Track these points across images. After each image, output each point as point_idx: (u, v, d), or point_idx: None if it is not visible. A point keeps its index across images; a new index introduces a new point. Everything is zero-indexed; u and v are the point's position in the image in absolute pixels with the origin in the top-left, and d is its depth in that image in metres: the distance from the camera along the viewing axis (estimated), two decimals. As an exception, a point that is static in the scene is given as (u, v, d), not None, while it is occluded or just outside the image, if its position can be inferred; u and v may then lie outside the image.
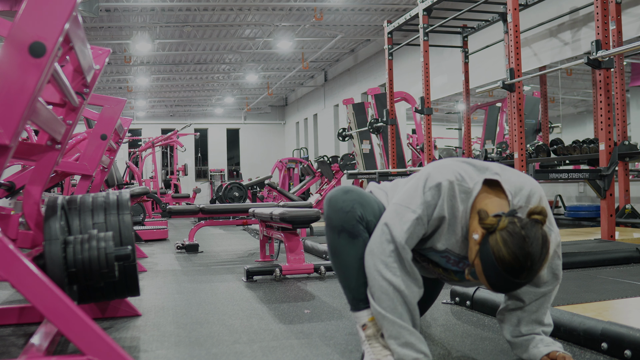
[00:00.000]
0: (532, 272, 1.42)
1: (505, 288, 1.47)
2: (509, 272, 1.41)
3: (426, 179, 1.60)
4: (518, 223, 1.43)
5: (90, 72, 2.29)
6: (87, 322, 1.53)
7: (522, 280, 1.43)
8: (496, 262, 1.41)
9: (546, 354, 1.66)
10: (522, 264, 1.40)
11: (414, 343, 1.59)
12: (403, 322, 1.59)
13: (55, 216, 1.88)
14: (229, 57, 14.63)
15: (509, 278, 1.42)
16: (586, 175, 4.76)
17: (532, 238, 1.40)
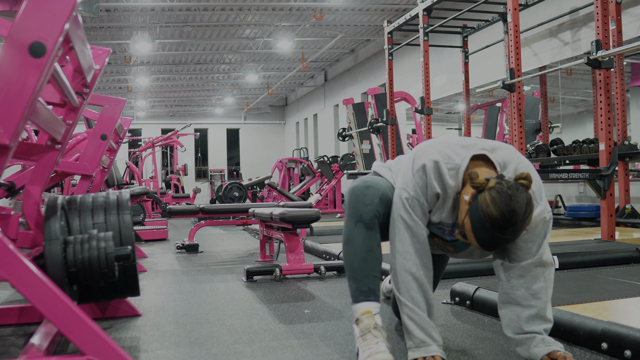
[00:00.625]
0: (516, 229, 1.53)
1: (492, 244, 1.58)
2: (495, 228, 1.53)
3: (413, 161, 1.72)
4: (505, 184, 1.55)
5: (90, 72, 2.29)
6: (87, 322, 1.53)
7: (508, 235, 1.54)
8: (484, 217, 1.53)
9: (547, 353, 1.67)
10: (508, 219, 1.51)
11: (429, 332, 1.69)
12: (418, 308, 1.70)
13: (55, 216, 1.88)
14: (229, 57, 14.64)
15: (495, 233, 1.54)
16: (586, 175, 4.76)
17: (517, 197, 1.52)
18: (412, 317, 1.69)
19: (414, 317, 1.69)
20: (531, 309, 1.70)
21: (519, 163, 1.72)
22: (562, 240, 4.47)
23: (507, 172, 1.69)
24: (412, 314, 1.69)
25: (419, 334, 1.68)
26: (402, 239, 1.72)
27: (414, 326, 1.69)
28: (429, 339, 1.68)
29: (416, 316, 1.69)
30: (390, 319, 2.36)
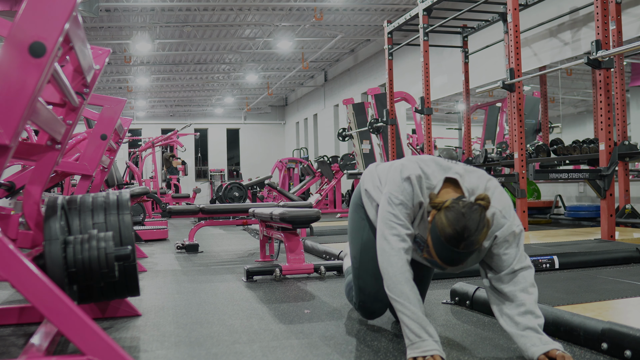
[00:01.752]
0: (469, 243, 1.64)
1: (450, 258, 1.69)
2: (449, 242, 1.65)
3: (401, 171, 1.86)
4: (461, 203, 1.68)
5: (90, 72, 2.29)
6: (87, 322, 1.53)
7: (462, 250, 1.65)
8: (439, 234, 1.66)
9: (544, 352, 1.68)
10: (460, 234, 1.63)
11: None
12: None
13: (55, 216, 1.88)
14: (229, 57, 14.64)
15: (450, 248, 1.65)
16: (586, 175, 4.76)
17: (470, 215, 1.64)
18: (405, 312, 1.74)
19: (407, 312, 1.74)
20: (522, 307, 1.77)
21: (486, 188, 1.85)
22: (562, 240, 4.47)
23: (474, 197, 1.80)
24: (405, 309, 1.74)
25: (415, 328, 1.71)
26: (389, 238, 1.82)
27: (409, 321, 1.73)
28: (424, 334, 1.71)
29: (409, 311, 1.74)
30: (387, 317, 2.36)
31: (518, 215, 5.51)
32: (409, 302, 1.74)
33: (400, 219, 1.82)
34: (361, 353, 1.91)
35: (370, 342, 2.04)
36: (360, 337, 2.11)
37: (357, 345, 2.01)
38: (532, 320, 1.75)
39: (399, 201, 1.83)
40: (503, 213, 1.81)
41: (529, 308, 1.76)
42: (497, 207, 1.80)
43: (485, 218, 1.67)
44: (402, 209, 1.83)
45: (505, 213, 1.81)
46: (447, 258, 1.69)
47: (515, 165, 5.70)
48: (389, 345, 1.99)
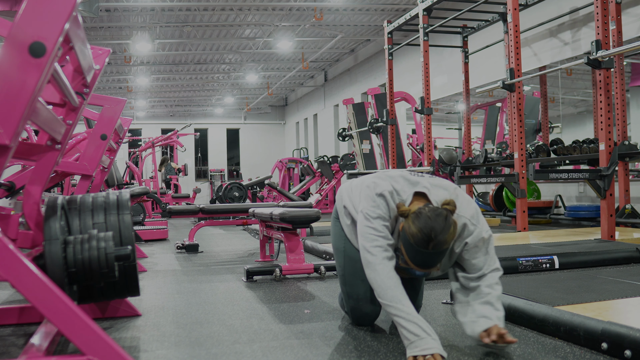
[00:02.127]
0: (437, 243, 1.72)
1: (422, 260, 1.77)
2: (418, 244, 1.74)
3: (374, 188, 1.95)
4: (426, 209, 1.78)
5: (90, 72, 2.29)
6: (87, 322, 1.53)
7: (431, 250, 1.73)
8: (408, 237, 1.76)
9: (485, 329, 1.80)
10: (427, 235, 1.72)
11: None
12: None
13: (55, 216, 1.88)
14: (229, 57, 14.64)
15: (420, 249, 1.74)
16: (586, 175, 4.76)
17: (435, 217, 1.74)
18: (400, 314, 1.77)
19: (402, 314, 1.77)
20: (483, 298, 1.88)
21: (454, 198, 1.95)
22: (562, 240, 4.47)
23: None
24: (399, 312, 1.77)
25: (412, 328, 1.74)
26: (372, 250, 1.89)
27: (405, 322, 1.75)
28: (422, 332, 1.73)
29: (403, 313, 1.77)
30: (387, 318, 2.36)
31: (518, 215, 5.57)
32: (401, 305, 1.78)
33: (380, 230, 1.90)
34: (361, 353, 1.91)
35: (370, 342, 2.04)
36: (360, 337, 2.11)
37: (357, 345, 2.01)
38: (491, 312, 1.83)
39: (376, 215, 1.91)
40: (472, 221, 1.91)
41: (489, 300, 1.86)
42: (466, 216, 1.91)
43: (451, 219, 1.77)
44: (380, 221, 1.91)
45: (474, 220, 1.92)
46: (419, 260, 1.77)
47: (515, 165, 5.70)
48: (389, 346, 1.99)
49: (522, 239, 4.73)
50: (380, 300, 1.85)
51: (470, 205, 1.95)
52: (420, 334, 1.72)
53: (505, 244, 4.29)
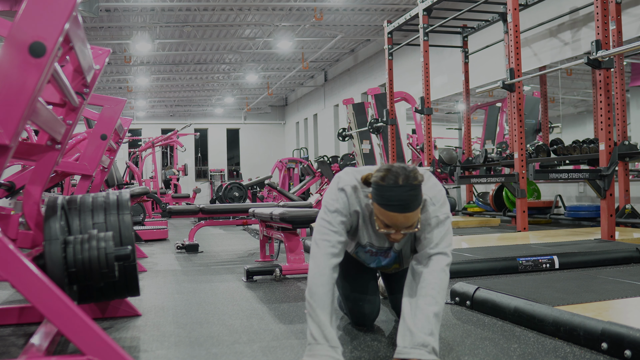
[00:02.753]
0: (407, 177, 1.73)
1: (390, 197, 1.72)
2: (385, 180, 1.73)
3: (337, 182, 1.93)
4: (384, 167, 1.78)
5: (90, 72, 2.29)
6: (87, 322, 1.53)
7: (403, 183, 1.72)
8: (375, 184, 1.76)
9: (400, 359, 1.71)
10: (389, 170, 1.74)
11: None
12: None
13: (55, 216, 1.88)
14: (229, 57, 14.64)
15: (387, 186, 1.73)
16: (586, 175, 4.76)
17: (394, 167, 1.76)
18: (310, 313, 1.76)
19: (312, 313, 1.76)
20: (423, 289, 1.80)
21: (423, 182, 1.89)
22: (562, 240, 4.47)
23: None
24: (311, 310, 1.76)
25: (313, 330, 1.73)
26: (319, 243, 1.86)
27: (311, 323, 1.75)
28: (321, 338, 1.70)
29: (313, 313, 1.76)
30: (387, 318, 2.36)
31: (518, 215, 5.56)
32: (316, 304, 1.76)
33: (334, 225, 1.87)
34: (361, 353, 1.91)
35: (370, 342, 2.04)
36: (360, 337, 2.11)
37: (357, 345, 2.01)
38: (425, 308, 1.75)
39: (334, 208, 1.89)
40: (433, 200, 1.88)
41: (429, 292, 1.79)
42: (427, 195, 1.88)
43: (412, 169, 1.77)
44: (337, 215, 1.88)
45: (435, 201, 1.89)
46: (388, 198, 1.73)
47: (515, 165, 5.70)
48: (389, 346, 1.99)
49: (522, 239, 4.73)
50: (306, 293, 1.82)
51: (435, 188, 1.93)
52: (319, 339, 1.70)
53: (505, 244, 4.29)
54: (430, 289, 1.79)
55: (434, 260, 1.85)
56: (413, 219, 1.76)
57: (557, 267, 3.40)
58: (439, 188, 1.93)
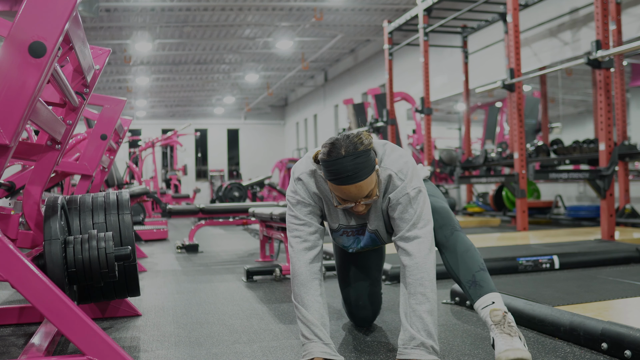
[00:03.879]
0: (348, 145, 1.66)
1: (344, 172, 1.66)
2: (329, 155, 1.66)
3: (294, 173, 1.88)
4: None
5: (90, 72, 2.29)
6: (87, 322, 1.53)
7: (345, 153, 1.65)
8: (322, 162, 1.70)
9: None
10: (335, 144, 1.67)
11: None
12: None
13: (55, 216, 1.88)
14: (229, 57, 14.64)
15: (332, 160, 1.66)
16: (586, 175, 4.77)
17: (338, 138, 1.69)
18: (298, 315, 1.77)
19: (299, 315, 1.77)
20: (412, 287, 1.72)
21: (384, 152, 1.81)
22: (562, 240, 4.47)
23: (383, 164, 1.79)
24: (298, 313, 1.77)
25: (304, 331, 1.74)
26: (291, 242, 1.85)
27: (301, 324, 1.76)
28: (312, 336, 1.72)
29: (300, 315, 1.76)
30: (387, 318, 2.36)
31: (518, 215, 5.55)
32: (301, 305, 1.77)
33: (301, 218, 1.84)
34: (361, 353, 1.91)
35: (370, 342, 2.04)
36: (360, 337, 2.11)
37: (357, 345, 2.01)
38: (417, 307, 1.69)
39: (295, 201, 1.85)
40: (399, 175, 1.77)
41: (417, 289, 1.71)
42: (391, 169, 1.77)
43: (353, 134, 1.70)
44: (300, 207, 1.85)
45: (401, 175, 1.77)
46: (340, 172, 1.65)
47: (515, 165, 5.70)
48: (388, 346, 1.99)
49: (522, 239, 4.73)
50: (292, 297, 1.82)
51: (401, 160, 1.79)
52: (311, 338, 1.72)
53: (505, 244, 4.29)
54: (418, 285, 1.71)
55: (414, 246, 1.73)
56: (367, 187, 1.69)
57: (557, 267, 3.40)
58: (405, 159, 1.80)
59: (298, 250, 1.82)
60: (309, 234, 1.83)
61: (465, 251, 1.86)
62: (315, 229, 1.85)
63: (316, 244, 1.84)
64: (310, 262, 1.81)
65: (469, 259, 1.85)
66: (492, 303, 1.76)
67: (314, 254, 1.82)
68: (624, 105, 5.35)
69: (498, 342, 1.68)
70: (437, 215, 1.90)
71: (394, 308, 2.54)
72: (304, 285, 1.78)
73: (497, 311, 1.74)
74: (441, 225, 1.90)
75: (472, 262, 1.85)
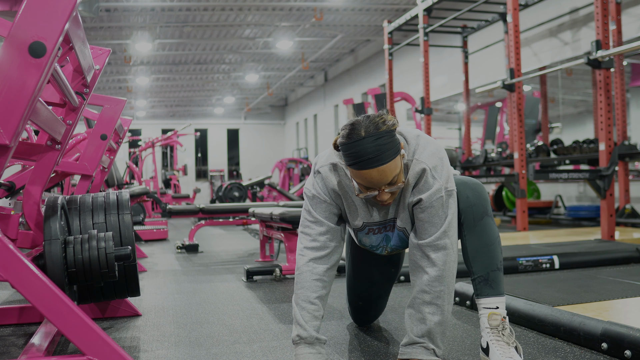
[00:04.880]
0: (369, 125, 1.53)
1: (361, 153, 1.52)
2: (349, 137, 1.53)
3: (315, 165, 1.77)
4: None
5: (90, 72, 2.29)
6: (87, 322, 1.53)
7: (365, 135, 1.51)
8: (341, 146, 1.56)
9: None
10: (355, 124, 1.54)
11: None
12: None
13: (55, 216, 1.88)
14: (229, 57, 14.64)
15: (350, 142, 1.52)
16: (586, 175, 4.77)
17: (358, 119, 1.56)
18: (293, 312, 1.72)
19: (293, 313, 1.72)
20: (426, 306, 1.65)
21: (417, 144, 1.66)
22: (562, 240, 4.47)
23: (408, 154, 1.66)
24: (294, 312, 1.71)
25: (294, 330, 1.70)
26: (300, 237, 1.77)
27: (294, 323, 1.71)
28: (303, 332, 1.68)
29: (293, 312, 1.71)
30: (387, 318, 2.35)
31: (518, 215, 5.56)
32: (295, 303, 1.71)
33: (314, 215, 1.73)
34: (361, 353, 1.91)
35: (370, 342, 2.04)
36: (360, 337, 2.11)
37: (357, 345, 2.01)
38: (430, 318, 1.64)
39: (311, 194, 1.74)
40: (433, 172, 1.62)
41: (434, 300, 1.64)
42: (427, 164, 1.62)
43: (375, 118, 1.55)
44: (315, 203, 1.73)
45: (437, 173, 1.62)
46: (360, 155, 1.51)
47: (515, 165, 5.70)
48: (388, 346, 1.99)
49: (522, 239, 4.73)
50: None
51: (436, 155, 1.64)
52: (295, 339, 1.69)
53: (506, 244, 4.29)
54: (436, 297, 1.63)
55: (441, 257, 1.62)
56: (391, 172, 1.54)
57: (557, 267, 3.40)
58: (441, 156, 1.64)
59: (302, 247, 1.74)
60: (319, 234, 1.73)
61: (489, 244, 1.74)
62: (326, 228, 1.73)
63: (326, 246, 1.73)
64: (313, 262, 1.71)
65: (490, 254, 1.75)
66: (496, 308, 1.71)
67: (320, 255, 1.72)
68: (624, 105, 5.35)
69: (494, 349, 1.65)
70: (469, 191, 1.73)
71: (395, 308, 2.54)
72: (302, 286, 1.71)
73: (496, 315, 1.69)
74: (473, 203, 1.72)
75: (491, 259, 1.75)
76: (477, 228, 1.73)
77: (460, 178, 1.77)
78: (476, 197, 1.73)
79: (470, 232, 1.73)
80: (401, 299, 2.74)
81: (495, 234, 1.76)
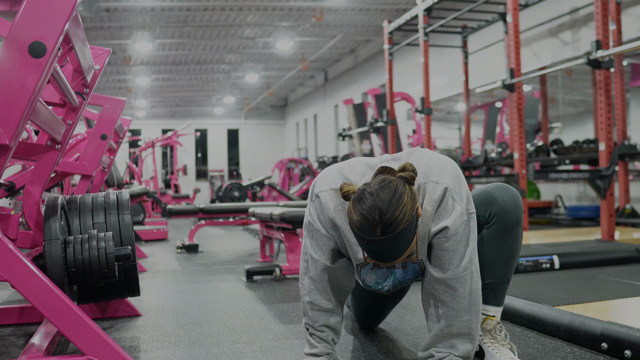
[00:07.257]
0: (387, 226, 1.30)
1: (375, 251, 1.35)
2: (363, 232, 1.32)
3: (314, 186, 1.58)
4: (372, 182, 1.35)
5: (90, 72, 2.29)
6: (87, 322, 1.53)
7: (381, 236, 1.31)
8: (352, 227, 1.35)
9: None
10: (370, 219, 1.30)
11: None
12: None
13: (55, 216, 1.88)
14: (229, 57, 14.64)
15: (366, 238, 1.32)
16: (586, 175, 4.77)
17: (380, 190, 1.31)
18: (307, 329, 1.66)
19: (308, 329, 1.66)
20: (446, 329, 1.53)
21: (427, 164, 1.49)
22: (562, 240, 4.47)
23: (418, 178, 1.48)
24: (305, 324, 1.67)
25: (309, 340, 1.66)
26: (301, 270, 1.65)
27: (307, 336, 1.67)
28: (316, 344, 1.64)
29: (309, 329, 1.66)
30: (387, 318, 2.35)
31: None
32: (306, 317, 1.66)
33: (314, 249, 1.58)
34: (361, 353, 1.91)
35: (370, 342, 2.04)
36: (361, 337, 2.11)
37: (357, 345, 2.01)
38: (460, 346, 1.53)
39: (307, 221, 1.59)
40: (454, 195, 1.45)
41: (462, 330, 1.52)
42: (447, 183, 1.44)
43: (404, 190, 1.32)
44: (311, 231, 1.57)
45: (456, 195, 1.45)
46: (373, 251, 1.35)
47: (515, 165, 5.71)
48: (388, 346, 1.99)
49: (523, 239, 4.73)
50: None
51: (452, 173, 1.47)
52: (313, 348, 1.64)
53: (505, 244, 4.29)
54: (464, 327, 1.50)
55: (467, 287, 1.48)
56: (403, 256, 1.40)
57: (557, 267, 3.40)
58: (456, 172, 1.49)
59: (304, 284, 1.63)
60: (323, 269, 1.58)
61: (510, 257, 1.64)
62: (323, 266, 1.58)
63: (321, 277, 1.59)
64: (324, 295, 1.60)
65: (506, 266, 1.64)
66: (493, 316, 1.68)
67: (319, 285, 1.60)
68: (624, 105, 5.35)
69: (489, 351, 1.65)
70: (507, 196, 1.61)
71: (395, 309, 2.54)
72: (306, 305, 1.64)
73: (492, 320, 1.66)
74: (508, 210, 1.60)
75: (505, 272, 1.65)
76: (505, 236, 1.62)
77: (499, 183, 1.67)
78: (513, 204, 1.61)
79: (497, 238, 1.62)
80: (403, 298, 2.73)
81: (519, 247, 1.67)
